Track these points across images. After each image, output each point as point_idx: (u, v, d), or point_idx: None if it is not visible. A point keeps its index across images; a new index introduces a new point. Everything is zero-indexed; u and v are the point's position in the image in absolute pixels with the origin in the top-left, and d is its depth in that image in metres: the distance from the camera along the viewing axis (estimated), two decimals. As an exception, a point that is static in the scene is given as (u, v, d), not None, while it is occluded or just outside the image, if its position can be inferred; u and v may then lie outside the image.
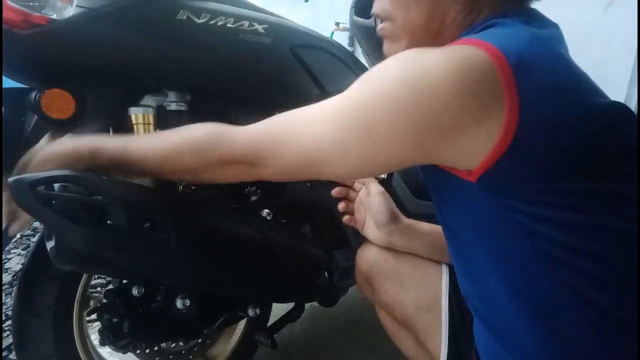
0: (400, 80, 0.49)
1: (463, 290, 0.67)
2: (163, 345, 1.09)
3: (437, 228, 0.87)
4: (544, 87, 0.49)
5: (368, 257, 0.92)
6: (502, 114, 0.47)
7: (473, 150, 0.49)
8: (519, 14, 0.56)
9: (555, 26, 0.58)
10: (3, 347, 1.40)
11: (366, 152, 0.52)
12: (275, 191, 1.05)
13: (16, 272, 1.91)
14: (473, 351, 0.70)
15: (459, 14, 0.58)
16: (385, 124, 0.50)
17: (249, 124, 1.02)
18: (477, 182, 0.51)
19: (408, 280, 0.85)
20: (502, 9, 0.58)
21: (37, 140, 0.78)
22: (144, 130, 0.86)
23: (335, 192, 0.93)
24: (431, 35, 0.60)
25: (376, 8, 0.65)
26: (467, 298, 0.67)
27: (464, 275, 0.65)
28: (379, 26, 0.66)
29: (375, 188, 0.89)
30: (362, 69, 1.21)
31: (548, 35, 0.55)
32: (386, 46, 0.66)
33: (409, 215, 0.93)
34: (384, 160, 0.53)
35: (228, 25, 0.87)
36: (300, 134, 0.56)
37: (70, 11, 0.74)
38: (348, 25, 1.78)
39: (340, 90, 0.55)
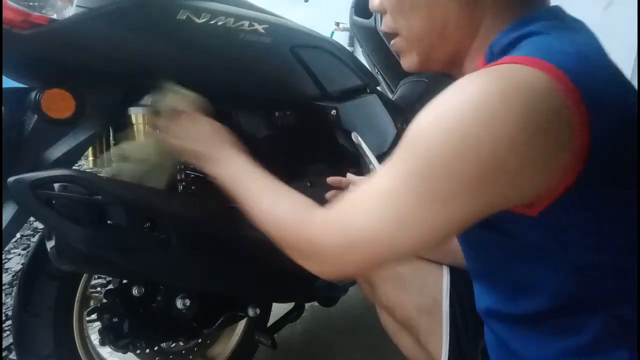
0: (454, 128, 0.43)
1: (487, 309, 0.64)
2: (163, 345, 1.09)
3: None
4: (608, 104, 0.45)
5: None
6: (572, 140, 0.42)
7: (540, 184, 0.45)
8: (544, 16, 0.52)
9: (584, 27, 0.54)
10: (3, 347, 1.40)
11: (432, 218, 0.46)
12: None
13: (16, 272, 1.91)
14: (479, 353, 0.70)
15: (461, 14, 0.55)
16: (447, 182, 0.44)
17: (249, 123, 1.03)
18: (538, 216, 0.47)
19: (409, 281, 0.85)
20: (518, 10, 0.53)
21: (37, 140, 0.78)
22: (144, 130, 0.86)
23: (330, 195, 0.91)
24: (439, 40, 0.58)
25: (383, 26, 0.63)
26: (491, 315, 0.64)
27: (493, 297, 0.62)
28: (392, 42, 0.64)
29: None
30: (362, 69, 1.21)
31: (589, 42, 0.51)
32: (402, 61, 0.64)
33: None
34: (451, 222, 0.47)
35: (228, 25, 0.87)
36: (359, 216, 0.50)
37: (70, 11, 0.74)
38: (348, 25, 1.78)
39: (340, 90, 0.53)
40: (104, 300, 0.98)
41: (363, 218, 0.49)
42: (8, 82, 0.80)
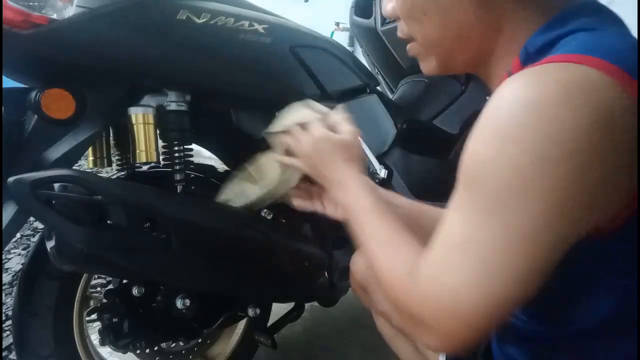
0: (516, 152, 0.39)
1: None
2: (163, 345, 1.09)
3: (415, 205, 0.83)
4: None
5: (361, 266, 0.89)
6: None
7: (619, 199, 0.41)
8: (584, 13, 0.48)
9: (622, 21, 0.50)
10: (3, 347, 1.40)
11: (520, 258, 0.41)
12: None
13: (16, 272, 1.91)
14: (479, 354, 0.69)
15: (476, 16, 0.52)
16: (524, 216, 0.39)
17: (249, 123, 1.03)
18: (601, 240, 0.43)
19: None
20: (549, 5, 0.49)
21: (37, 141, 0.78)
22: (144, 130, 0.86)
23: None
24: (457, 44, 0.55)
25: (398, 31, 0.61)
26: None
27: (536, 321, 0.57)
28: (407, 47, 0.61)
29: None
30: (362, 69, 1.21)
31: (630, 35, 0.48)
32: (421, 65, 0.62)
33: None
34: (542, 258, 0.41)
35: (228, 25, 0.87)
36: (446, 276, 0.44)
37: (70, 11, 0.74)
38: (348, 25, 1.78)
39: (340, 90, 0.53)
40: (104, 300, 0.98)
41: (449, 279, 0.43)
42: (8, 82, 0.80)
